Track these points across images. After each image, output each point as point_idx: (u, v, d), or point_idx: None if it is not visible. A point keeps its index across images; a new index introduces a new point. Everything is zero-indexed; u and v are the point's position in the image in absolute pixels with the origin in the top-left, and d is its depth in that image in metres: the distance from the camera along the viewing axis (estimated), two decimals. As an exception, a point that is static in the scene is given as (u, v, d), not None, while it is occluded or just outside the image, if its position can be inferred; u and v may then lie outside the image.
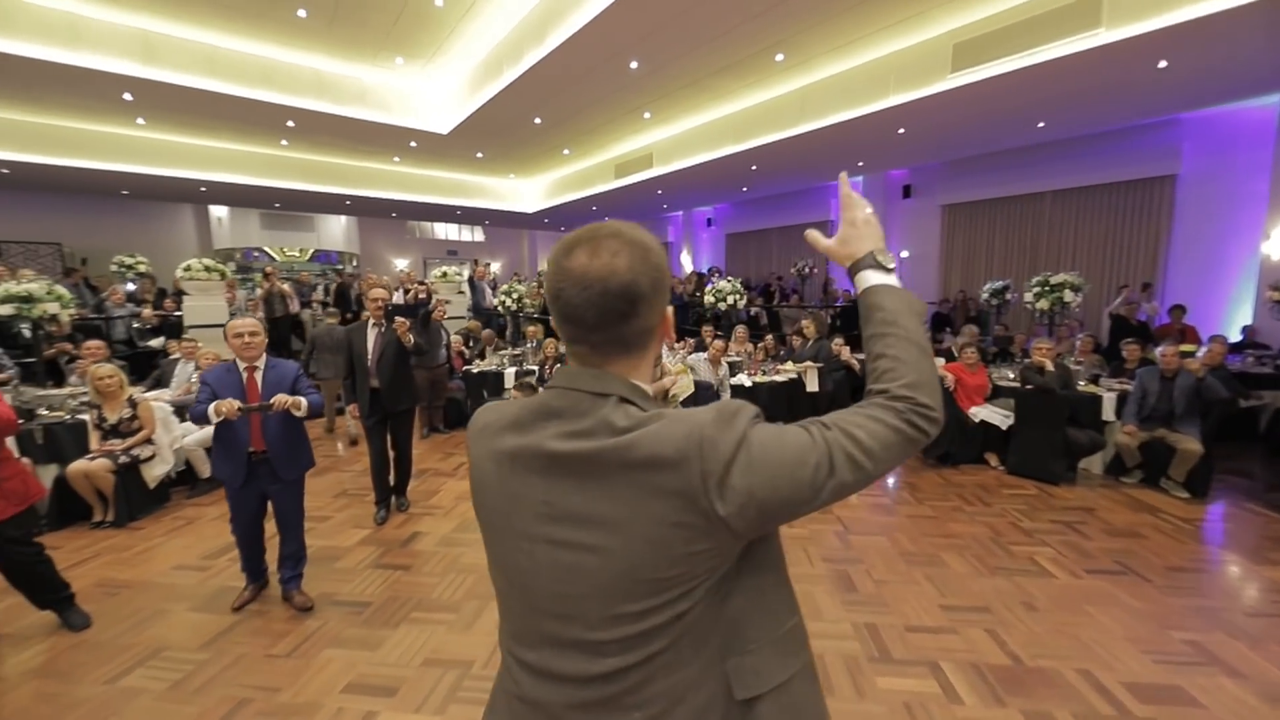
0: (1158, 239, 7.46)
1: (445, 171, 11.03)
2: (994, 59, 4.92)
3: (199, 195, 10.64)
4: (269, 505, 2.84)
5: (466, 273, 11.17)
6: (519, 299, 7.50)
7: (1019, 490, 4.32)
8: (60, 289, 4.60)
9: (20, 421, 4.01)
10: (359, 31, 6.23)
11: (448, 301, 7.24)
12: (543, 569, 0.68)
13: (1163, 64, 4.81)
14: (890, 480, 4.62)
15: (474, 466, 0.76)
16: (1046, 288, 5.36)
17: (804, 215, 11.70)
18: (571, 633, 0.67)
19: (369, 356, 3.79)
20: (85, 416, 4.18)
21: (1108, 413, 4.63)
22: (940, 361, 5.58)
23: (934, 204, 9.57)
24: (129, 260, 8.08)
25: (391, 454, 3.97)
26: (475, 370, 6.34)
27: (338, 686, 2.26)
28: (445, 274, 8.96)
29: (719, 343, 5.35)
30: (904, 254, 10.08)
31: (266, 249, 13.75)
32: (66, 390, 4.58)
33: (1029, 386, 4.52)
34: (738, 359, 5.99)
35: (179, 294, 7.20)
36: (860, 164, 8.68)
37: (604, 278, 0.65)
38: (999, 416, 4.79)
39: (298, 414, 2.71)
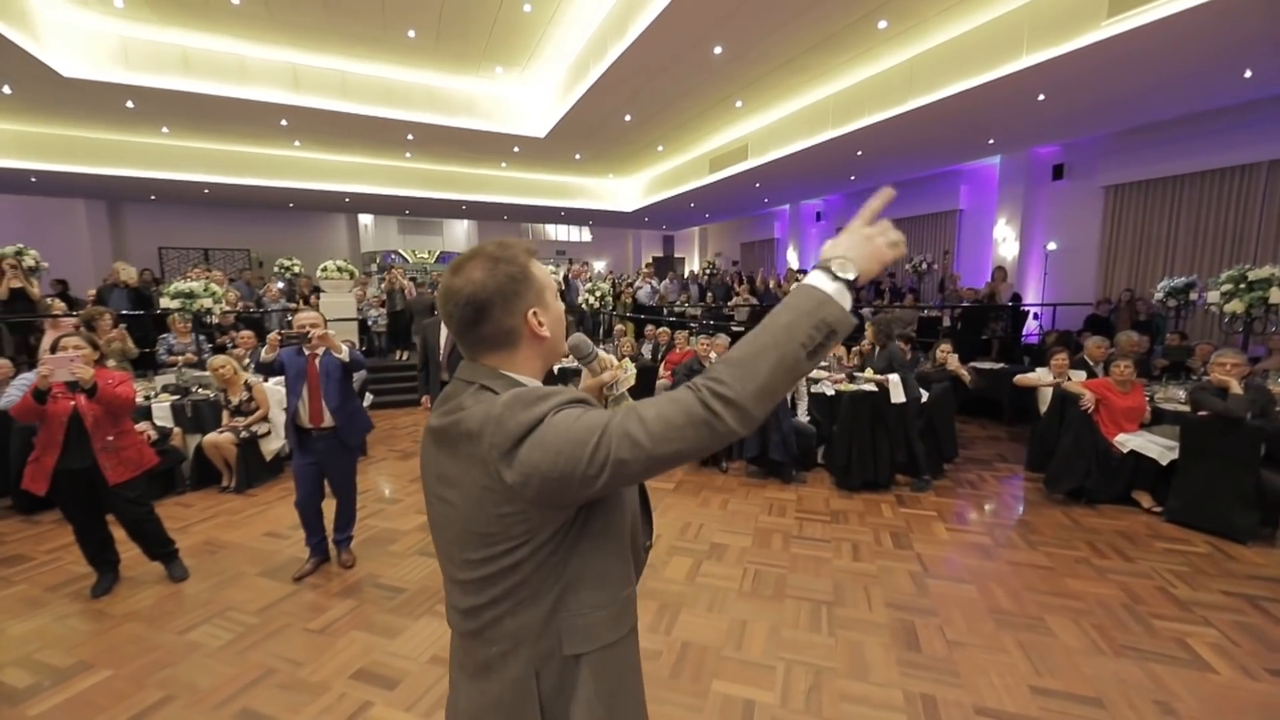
0: None
1: (547, 174, 11.49)
2: (1168, -6, 3.86)
3: (344, 205, 12.21)
4: (325, 482, 3.10)
5: (563, 271, 11.57)
6: (602, 297, 7.52)
7: (1180, 545, 3.36)
8: (216, 287, 5.44)
9: (177, 397, 4.86)
10: (461, 45, 6.63)
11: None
12: (435, 519, 0.84)
13: None
14: (994, 513, 3.86)
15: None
16: (1242, 285, 4.12)
17: (927, 205, 10.39)
18: (451, 572, 0.82)
19: (441, 350, 3.96)
20: (216, 397, 4.93)
21: (1332, 454, 3.43)
22: (1080, 376, 4.57)
23: (1093, 185, 7.93)
24: (286, 262, 9.48)
25: None
26: (555, 369, 6.48)
27: (349, 671, 2.34)
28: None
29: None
30: (1051, 246, 8.49)
31: (401, 251, 15.44)
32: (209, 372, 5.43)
33: (1203, 412, 3.50)
34: (824, 362, 5.44)
35: (318, 291, 8.28)
36: (990, 141, 7.44)
37: (456, 291, 0.79)
38: (1157, 448, 3.79)
39: (338, 356, 2.95)
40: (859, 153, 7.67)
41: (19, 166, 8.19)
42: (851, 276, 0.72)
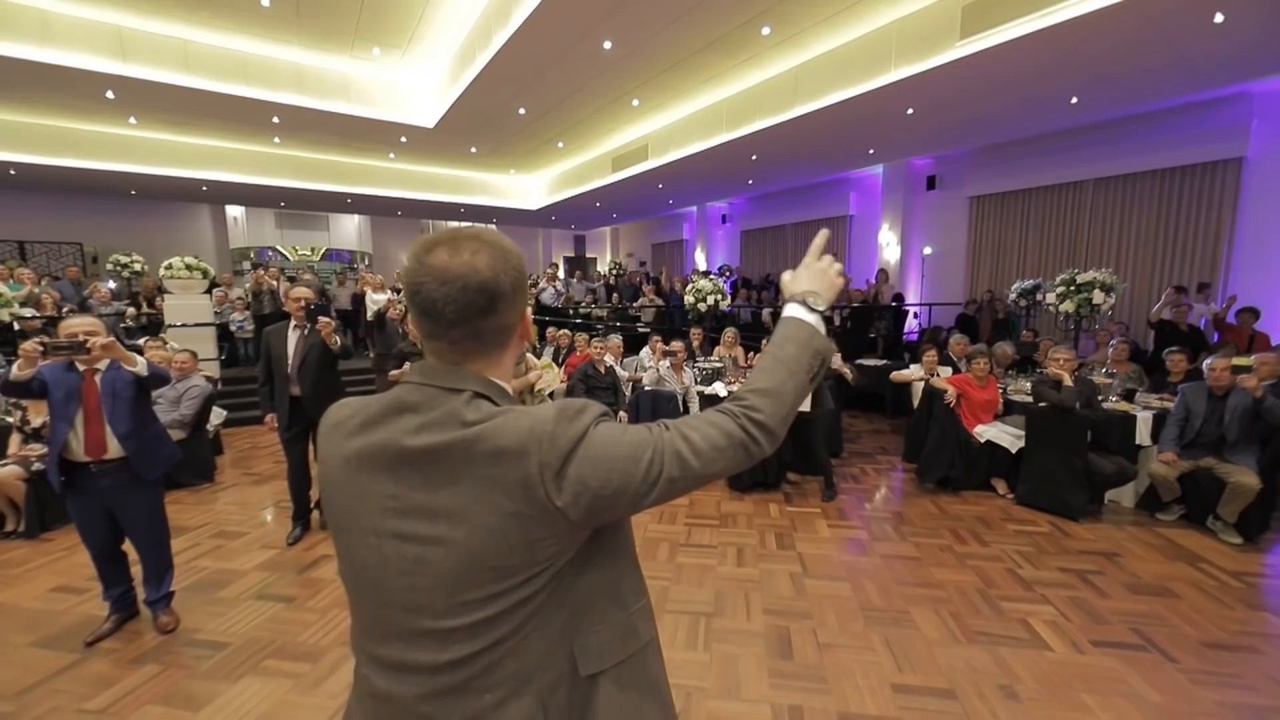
0: (1219, 232, 6.47)
1: (442, 168, 10.82)
2: (1008, 20, 4.22)
3: (203, 194, 10.77)
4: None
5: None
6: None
7: (1027, 526, 3.65)
8: (2, 287, 4.47)
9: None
10: (326, 19, 5.98)
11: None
12: (390, 563, 0.69)
13: (1219, 17, 4.01)
14: (872, 506, 4.01)
15: (323, 464, 0.76)
16: (1072, 287, 4.60)
17: (821, 210, 10.96)
18: (420, 623, 0.68)
19: (289, 361, 3.45)
20: (11, 419, 4.04)
21: (1142, 436, 3.89)
22: (946, 372, 4.90)
23: (960, 195, 8.71)
24: (123, 259, 8.16)
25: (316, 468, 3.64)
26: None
27: (127, 761, 1.90)
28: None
29: (676, 343, 4.84)
30: (927, 250, 9.24)
31: (280, 248, 13.90)
32: None
33: (1043, 404, 3.83)
34: (720, 364, 5.46)
35: (161, 292, 7.17)
36: (871, 151, 7.93)
37: (464, 274, 0.67)
38: (1008, 437, 4.11)
39: (130, 369, 2.44)
40: (754, 157, 7.87)
41: None
42: (824, 309, 0.85)
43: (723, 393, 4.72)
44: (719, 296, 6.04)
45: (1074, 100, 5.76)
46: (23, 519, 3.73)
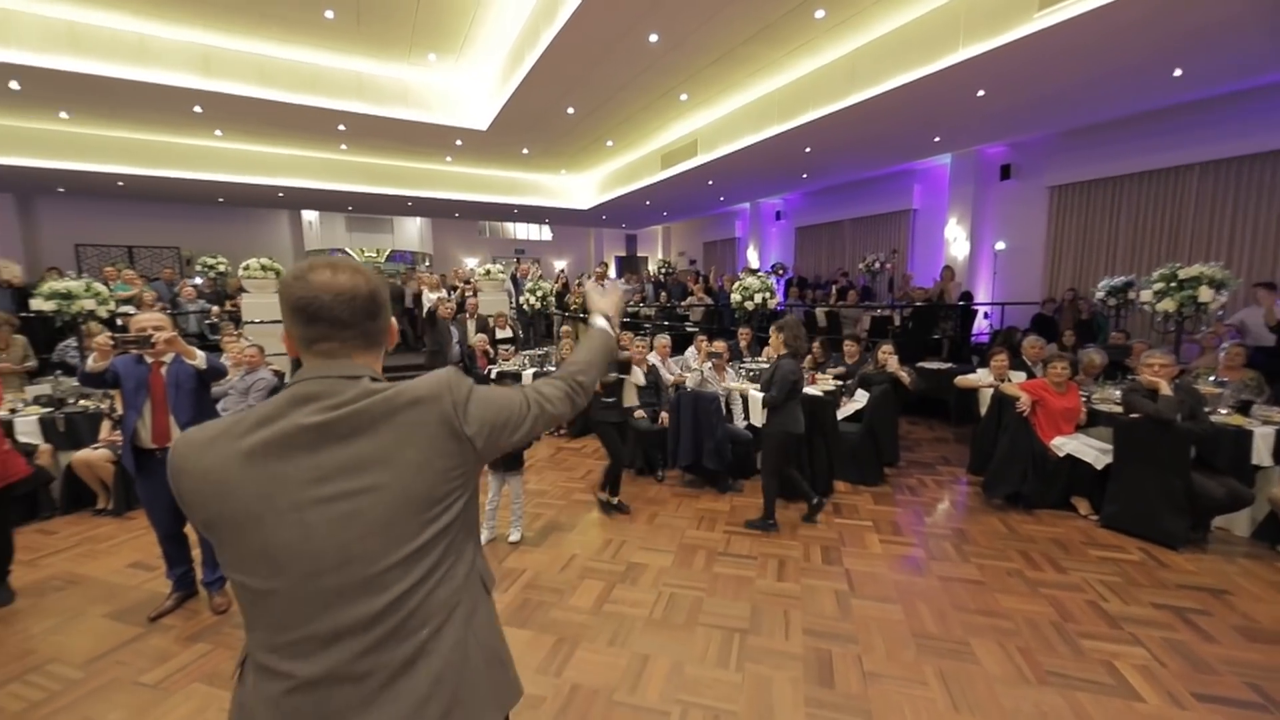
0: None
1: (496, 170, 11.06)
2: (1098, -16, 3.77)
3: (280, 200, 11.53)
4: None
5: (511, 270, 11.18)
6: (543, 297, 7.19)
7: (1114, 553, 3.24)
8: (99, 286, 4.91)
9: (49, 409, 4.34)
10: (385, 28, 6.21)
11: (459, 298, 7.09)
12: (318, 528, 0.74)
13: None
14: (930, 521, 3.69)
15: (203, 479, 0.76)
16: (1173, 284, 4.07)
17: (881, 204, 10.39)
18: (354, 575, 0.75)
19: None
20: (103, 406, 4.43)
21: (1261, 455, 3.37)
22: (1019, 377, 4.47)
23: (1039, 185, 7.98)
24: (210, 260, 8.85)
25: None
26: (493, 373, 6.13)
27: (170, 738, 1.98)
28: (489, 271, 8.94)
29: (719, 344, 4.67)
30: (999, 245, 8.53)
31: (349, 250, 14.74)
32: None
33: (1135, 415, 3.40)
34: (766, 365, 5.24)
35: (241, 290, 7.72)
36: (936, 139, 7.39)
37: (354, 286, 0.82)
38: (1093, 451, 3.68)
39: (191, 363, 2.61)
40: (807, 149, 7.54)
41: (-104, 154, 7.40)
42: (609, 320, 1.20)
43: (769, 395, 4.52)
44: (767, 295, 5.80)
45: (1177, 73, 5.11)
46: (111, 498, 4.08)
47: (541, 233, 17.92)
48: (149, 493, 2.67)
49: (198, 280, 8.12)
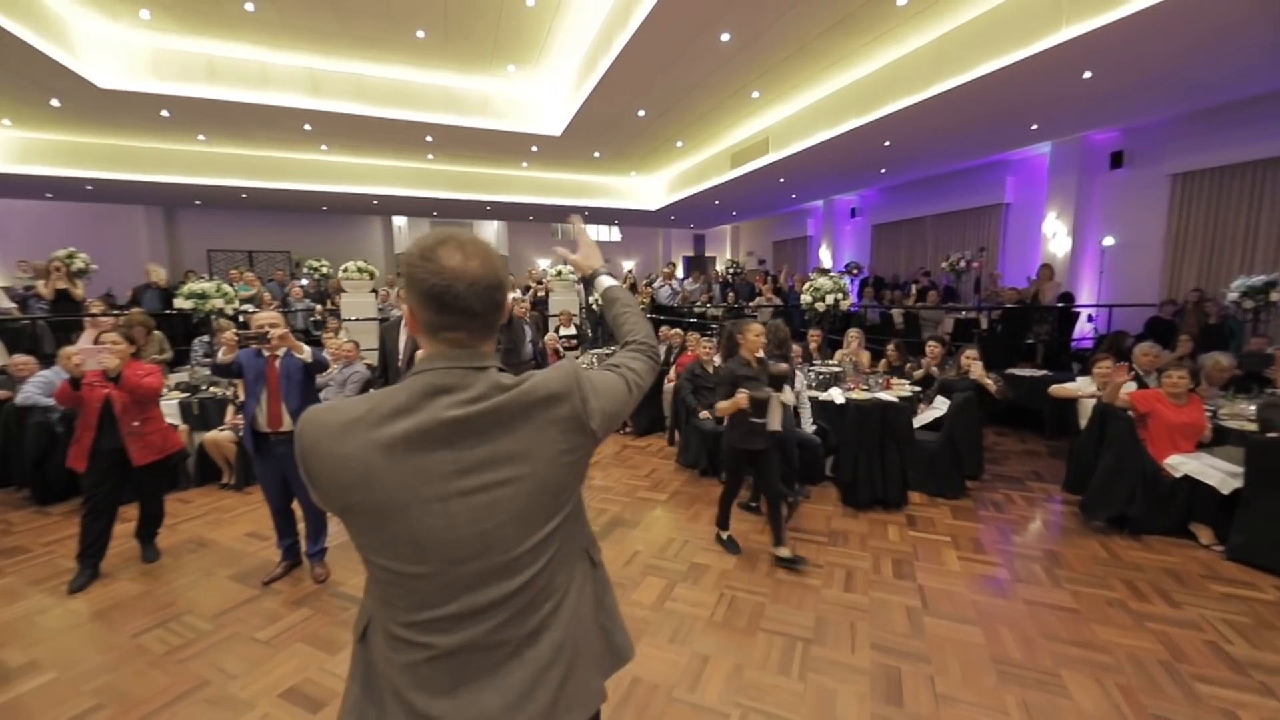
0: None
1: (569, 173, 11.40)
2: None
3: (374, 207, 12.51)
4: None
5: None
6: (613, 297, 7.30)
7: (1242, 590, 2.87)
8: (227, 287, 5.57)
9: (186, 395, 4.98)
10: (469, 44, 6.59)
11: (531, 298, 7.35)
12: (460, 517, 0.78)
13: None
14: (1018, 540, 3.43)
15: (340, 466, 0.77)
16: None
17: (969, 198, 9.70)
18: (493, 561, 0.80)
19: (400, 356, 3.84)
20: (229, 393, 5.02)
21: None
22: (1130, 386, 4.04)
23: (1158, 174, 7.13)
24: (314, 263, 9.77)
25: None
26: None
27: (280, 688, 2.24)
28: (560, 272, 9.24)
29: (796, 348, 4.54)
30: (1108, 241, 7.71)
31: (433, 253, 15.74)
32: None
33: (1273, 434, 2.99)
34: (839, 368, 5.08)
35: (340, 291, 8.46)
36: (1034, 127, 6.79)
37: (486, 275, 0.80)
38: (1217, 474, 3.27)
39: (299, 357, 2.92)
40: (887, 143, 7.19)
41: (75, 175, 8.74)
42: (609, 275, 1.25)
43: (840, 400, 4.37)
44: (839, 296, 5.60)
45: (1340, 40, 4.40)
46: (234, 474, 4.63)
47: (611, 234, 18.24)
48: (263, 471, 3.02)
49: (304, 281, 8.99)
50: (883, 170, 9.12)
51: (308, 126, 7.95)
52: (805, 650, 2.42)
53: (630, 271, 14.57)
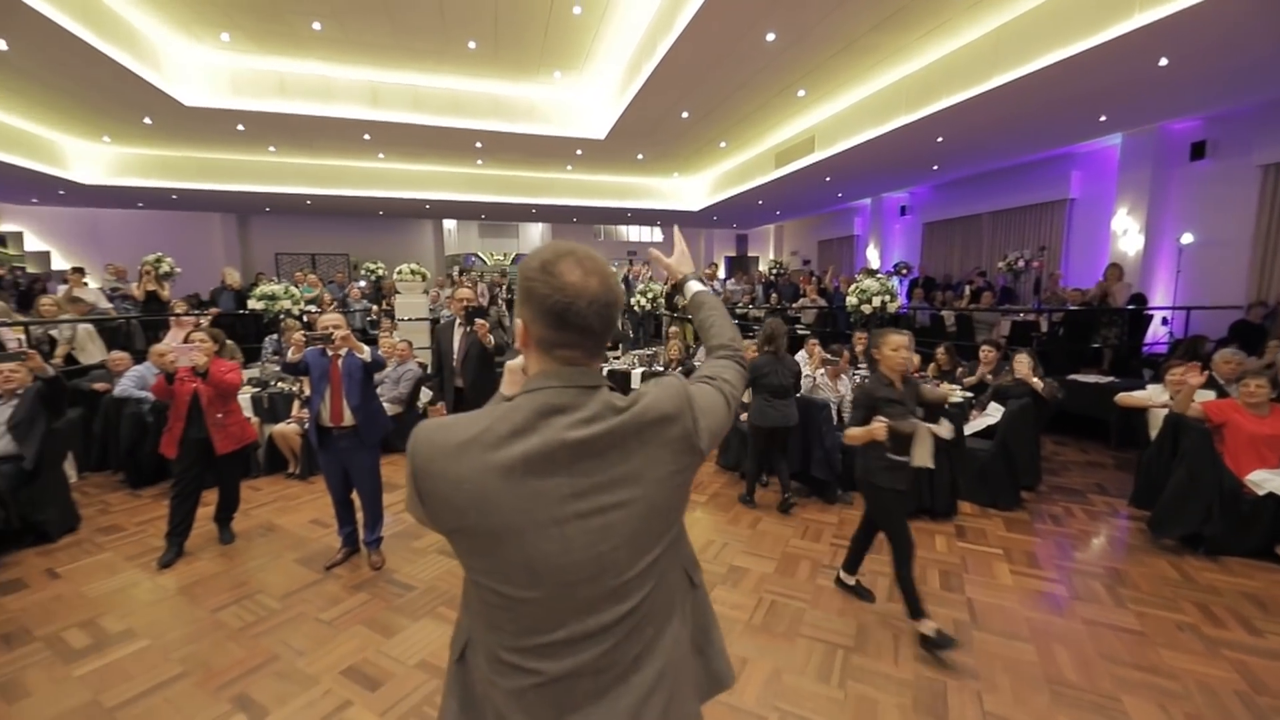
0: None
1: (612, 175, 11.53)
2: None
3: (426, 211, 13.03)
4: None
5: (624, 272, 11.55)
6: (654, 299, 7.38)
7: (1334, 620, 2.64)
8: (294, 290, 5.95)
9: (257, 389, 5.36)
10: (518, 52, 6.78)
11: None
12: (575, 540, 0.76)
13: None
14: (1078, 556, 3.26)
15: (455, 488, 0.75)
16: None
17: (1029, 194, 9.20)
18: (605, 585, 0.78)
19: (455, 355, 4.01)
20: (294, 388, 5.38)
21: None
22: (1208, 395, 3.78)
23: (1245, 165, 6.56)
24: (371, 266, 10.28)
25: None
26: (604, 371, 6.44)
27: (341, 666, 2.40)
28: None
29: (836, 347, 4.46)
30: (1186, 239, 7.15)
31: (480, 254, 16.25)
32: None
33: (1375, 451, 2.73)
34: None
35: (394, 291, 8.87)
36: (1102, 118, 6.38)
37: (606, 294, 0.79)
38: (1308, 493, 3.01)
39: (359, 356, 3.09)
40: (939, 139, 6.93)
41: (162, 186, 9.53)
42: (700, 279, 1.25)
43: (885, 405, 4.27)
44: (887, 298, 5.45)
45: None
46: (298, 464, 4.95)
47: (653, 235, 18.31)
48: (326, 463, 3.22)
49: (362, 283, 9.47)
50: (935, 167, 8.79)
51: (367, 136, 8.38)
52: (846, 658, 2.40)
53: (672, 272, 14.56)
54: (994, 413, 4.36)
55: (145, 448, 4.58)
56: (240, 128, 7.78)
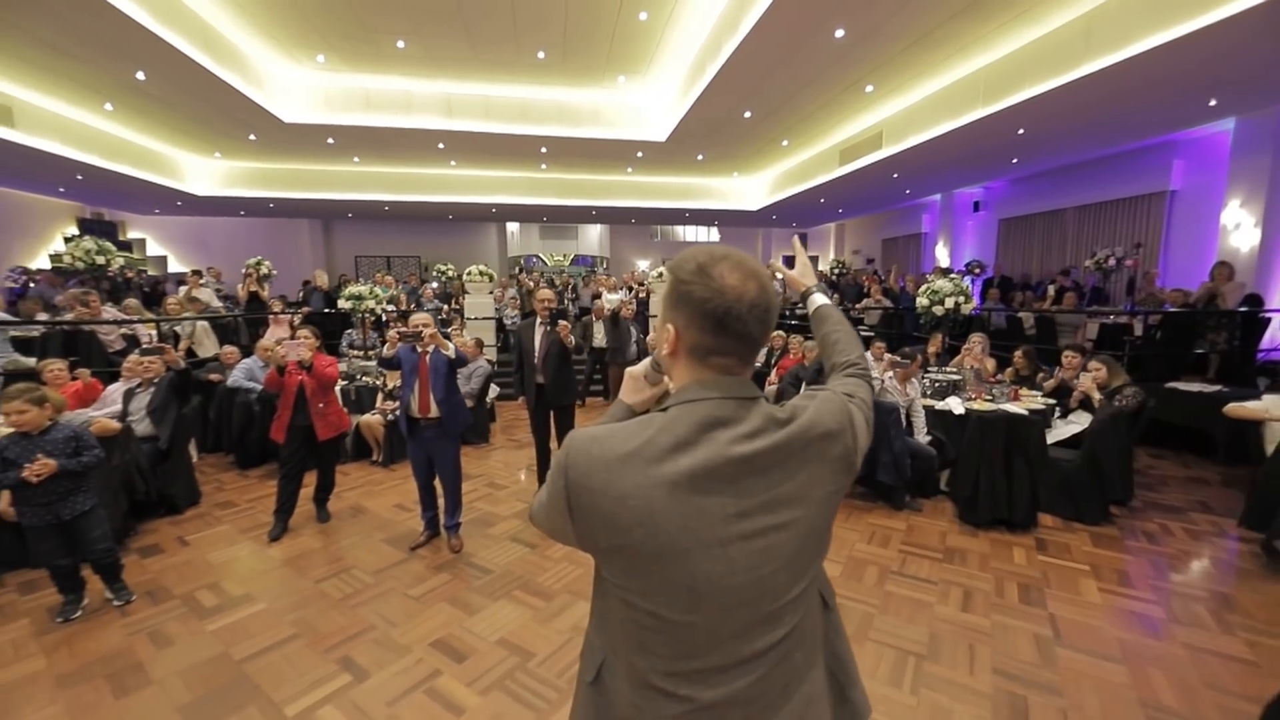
0: None
1: (671, 176, 11.60)
2: None
3: (492, 215, 13.59)
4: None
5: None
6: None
7: None
8: (379, 290, 6.42)
9: (345, 383, 5.81)
10: (585, 59, 6.99)
11: (634, 299, 7.58)
12: (739, 562, 0.72)
13: None
14: (1178, 578, 3.03)
15: (619, 503, 0.71)
16: None
17: (1122, 187, 8.50)
18: (762, 609, 0.74)
19: (536, 354, 4.22)
20: (378, 382, 5.80)
21: None
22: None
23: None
24: (442, 267, 10.86)
25: (554, 445, 4.37)
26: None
27: (430, 638, 2.61)
28: (660, 273, 9.48)
29: (910, 350, 4.33)
30: (1315, 233, 6.40)
31: (541, 255, 16.75)
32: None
33: None
34: (957, 376, 4.77)
35: (464, 292, 9.34)
36: (1212, 103, 5.79)
37: (766, 299, 0.75)
38: None
39: (445, 353, 3.32)
40: (1020, 130, 6.55)
41: (262, 195, 10.47)
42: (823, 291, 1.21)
43: (959, 409, 4.12)
44: (961, 299, 5.23)
45: None
46: (381, 452, 5.34)
47: (710, 235, 18.25)
48: (413, 451, 3.48)
49: (434, 284, 10.03)
50: (1014, 160, 8.29)
51: (441, 145, 8.87)
52: (918, 665, 2.36)
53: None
54: (1079, 420, 4.11)
55: (252, 433, 5.10)
56: (330, 140, 8.44)
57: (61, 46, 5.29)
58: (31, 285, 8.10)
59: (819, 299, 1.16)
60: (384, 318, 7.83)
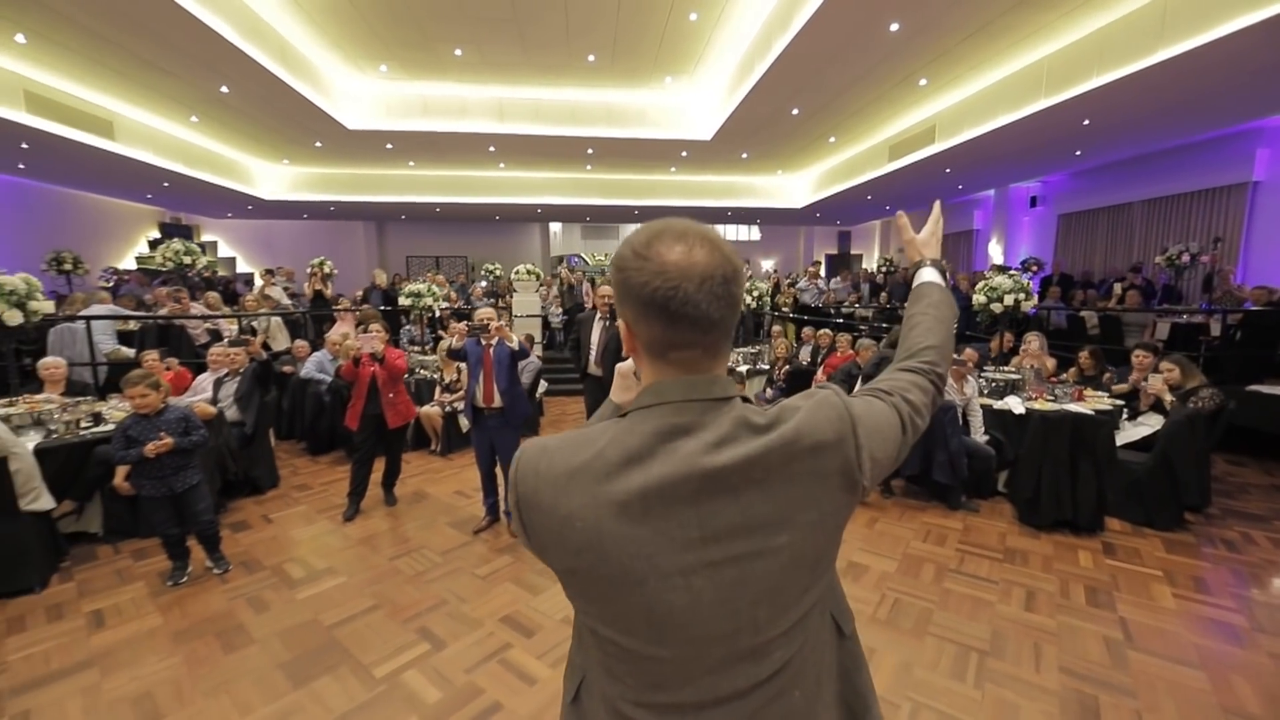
0: None
1: (714, 175, 11.60)
2: None
3: (537, 215, 13.89)
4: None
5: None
6: (759, 297, 7.39)
7: None
8: (436, 288, 6.71)
9: (405, 376, 6.10)
10: (634, 61, 7.10)
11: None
12: (704, 593, 0.62)
13: None
14: (1260, 586, 2.90)
15: (565, 525, 0.63)
16: None
17: (1197, 179, 8.00)
18: (739, 645, 0.64)
19: (593, 348, 4.36)
20: (435, 375, 6.07)
21: None
22: None
23: None
24: (490, 266, 11.19)
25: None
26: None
27: (499, 614, 2.76)
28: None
29: (968, 350, 4.25)
30: None
31: (583, 255, 17.00)
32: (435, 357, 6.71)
33: None
34: (1017, 375, 4.65)
35: (510, 290, 9.62)
36: (1305, 87, 5.44)
37: (718, 264, 0.61)
38: None
39: (509, 345, 3.48)
40: (1086, 121, 6.27)
41: (324, 199, 11.05)
42: (940, 270, 1.01)
43: (1019, 409, 4.02)
44: (1022, 296, 5.07)
45: None
46: (439, 442, 5.59)
47: (750, 233, 18.10)
48: (477, 438, 3.68)
49: (483, 283, 10.36)
50: (1078, 152, 7.93)
51: (492, 148, 9.16)
52: (981, 661, 2.36)
53: (775, 270, 14.37)
54: (1151, 422, 3.95)
55: (323, 421, 5.44)
56: (389, 146, 8.85)
57: (158, 63, 5.77)
58: (123, 284, 8.82)
59: (928, 273, 0.98)
60: (438, 314, 8.18)
